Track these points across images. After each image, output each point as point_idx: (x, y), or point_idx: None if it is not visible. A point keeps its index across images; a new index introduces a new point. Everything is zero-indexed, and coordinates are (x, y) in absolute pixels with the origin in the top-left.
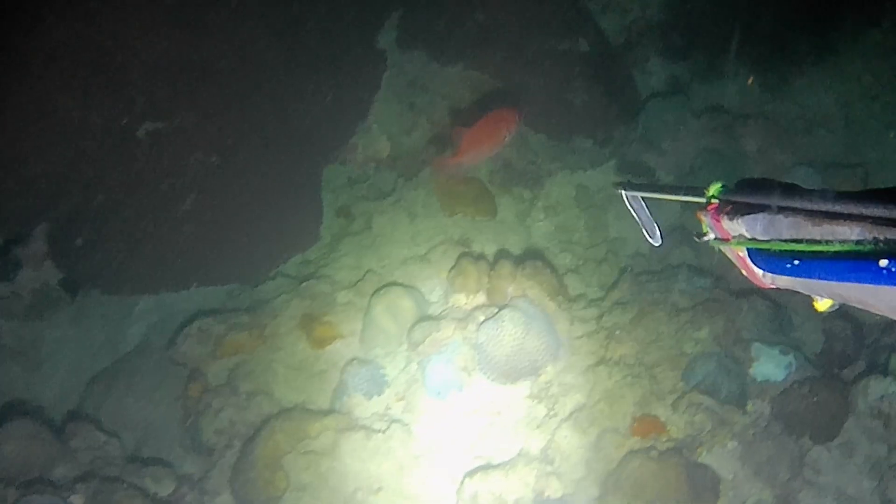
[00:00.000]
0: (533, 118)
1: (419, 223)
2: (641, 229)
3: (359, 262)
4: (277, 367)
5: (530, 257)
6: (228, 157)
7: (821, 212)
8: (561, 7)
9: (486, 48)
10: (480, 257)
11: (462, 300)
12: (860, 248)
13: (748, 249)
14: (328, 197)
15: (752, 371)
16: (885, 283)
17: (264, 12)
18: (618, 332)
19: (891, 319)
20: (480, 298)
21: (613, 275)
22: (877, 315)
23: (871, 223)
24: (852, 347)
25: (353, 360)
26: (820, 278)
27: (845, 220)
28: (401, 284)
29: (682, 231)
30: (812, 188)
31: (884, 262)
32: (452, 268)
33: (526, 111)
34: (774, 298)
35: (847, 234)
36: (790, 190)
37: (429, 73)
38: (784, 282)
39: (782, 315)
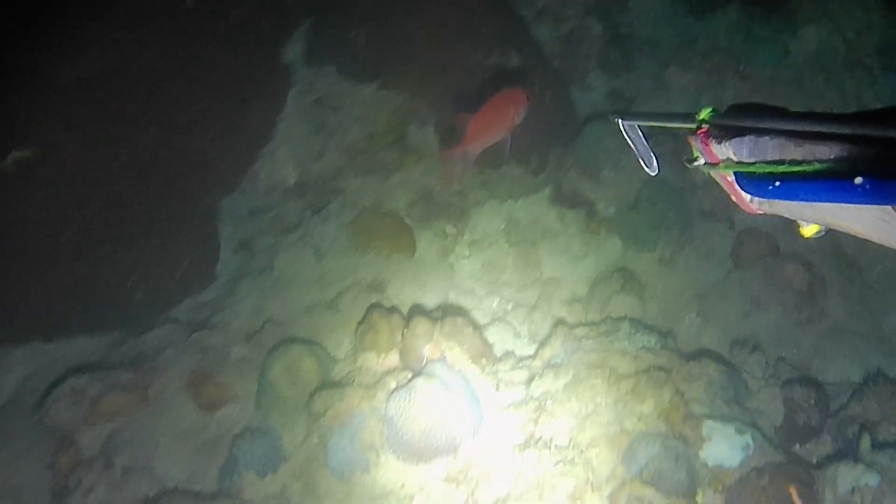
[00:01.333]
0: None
1: (327, 262)
2: (638, 159)
3: (258, 307)
4: (160, 437)
5: (452, 307)
6: (112, 185)
7: (803, 132)
8: (489, 16)
9: (404, 64)
10: (394, 310)
11: (372, 360)
12: (836, 166)
13: (735, 173)
14: (227, 229)
15: (702, 454)
16: (861, 202)
17: (153, 21)
18: (549, 403)
19: (854, 387)
20: (393, 359)
21: (546, 325)
22: (839, 379)
23: (849, 142)
24: (816, 418)
25: (246, 429)
26: (801, 199)
27: (825, 140)
28: (303, 341)
29: (624, 272)
30: (798, 111)
31: (858, 180)
32: (362, 321)
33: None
34: (728, 361)
35: (826, 154)
36: (775, 112)
37: (340, 92)
38: (769, 207)
39: (737, 382)
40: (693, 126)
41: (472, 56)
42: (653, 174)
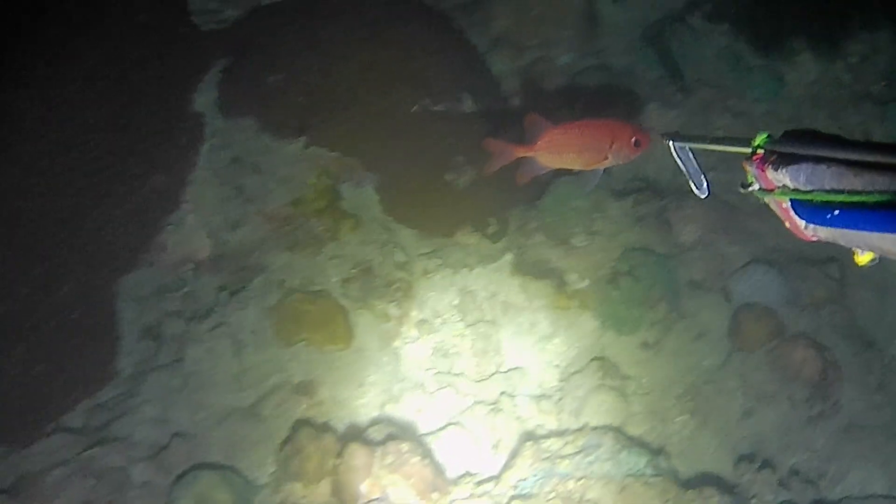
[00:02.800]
0: (400, 208)
1: (247, 356)
2: (688, 181)
3: (165, 413)
4: None
5: (396, 422)
6: None
7: (862, 162)
8: (435, 52)
9: (335, 114)
10: (326, 428)
11: (298, 492)
12: None
13: (791, 200)
14: (129, 312)
15: None
16: None
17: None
18: None
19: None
20: (323, 491)
21: (510, 432)
22: (859, 490)
23: None
24: None
25: None
26: (860, 229)
27: (886, 170)
28: (216, 466)
29: (602, 362)
30: (855, 140)
31: None
32: (288, 440)
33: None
34: (732, 485)
35: (887, 185)
36: (833, 140)
37: (260, 148)
38: (825, 233)
39: None
40: (748, 151)
41: (416, 101)
42: (702, 197)
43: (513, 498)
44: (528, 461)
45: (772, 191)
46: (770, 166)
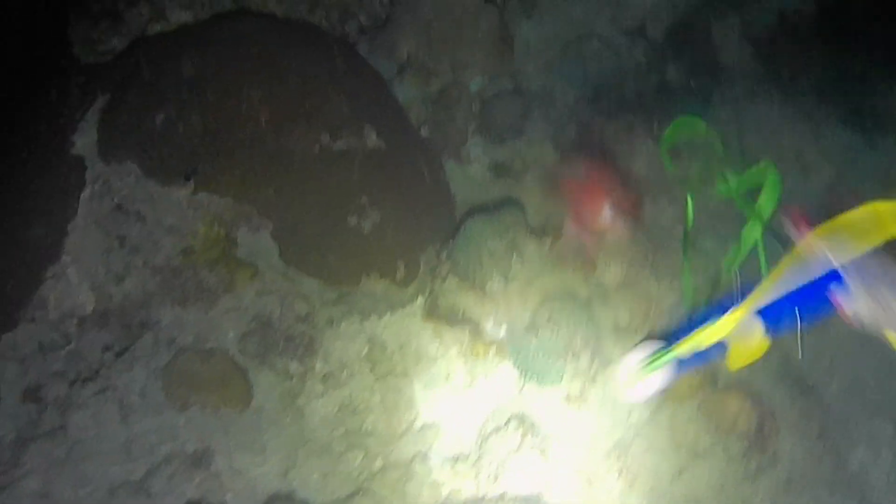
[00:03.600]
0: (301, 255)
1: (136, 423)
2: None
3: (47, 487)
4: None
5: (298, 499)
6: None
7: None
8: (335, 81)
9: (226, 156)
10: None
11: None
12: None
13: None
14: (10, 372)
15: None
16: None
17: None
18: None
19: None
20: None
21: None
22: None
23: None
24: None
25: None
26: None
27: None
28: None
29: (521, 419)
30: None
31: None
32: None
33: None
34: None
35: None
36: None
37: (145, 195)
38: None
39: None
40: None
41: (313, 137)
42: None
43: None
44: None
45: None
46: None
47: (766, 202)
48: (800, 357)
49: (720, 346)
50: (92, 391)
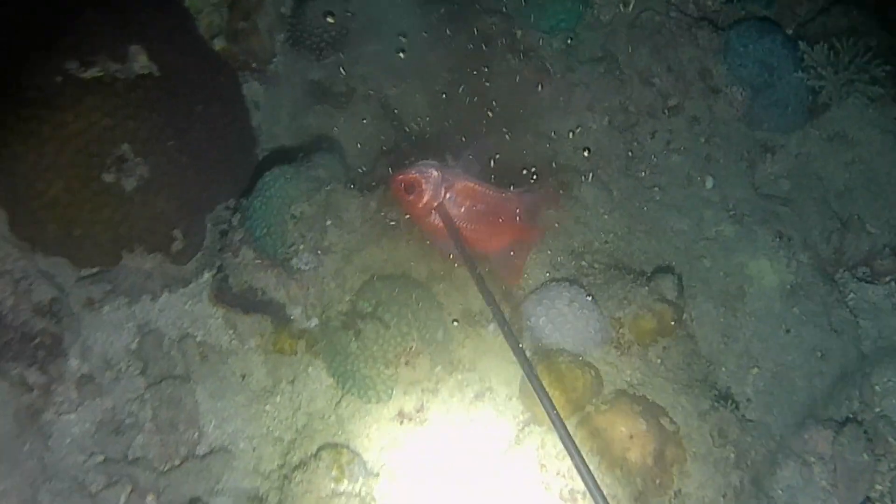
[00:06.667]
0: (41, 226)
1: None
2: None
3: None
4: None
5: None
6: None
7: None
8: None
9: None
10: None
11: None
12: None
13: None
14: None
15: None
16: None
17: None
18: None
19: None
20: None
21: None
22: None
23: None
24: None
25: None
26: None
27: None
28: None
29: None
30: None
31: None
32: None
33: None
34: None
35: None
36: None
37: None
38: None
39: None
40: None
41: (55, 66)
42: None
43: None
44: None
45: None
46: None
47: None
48: None
49: None
50: None
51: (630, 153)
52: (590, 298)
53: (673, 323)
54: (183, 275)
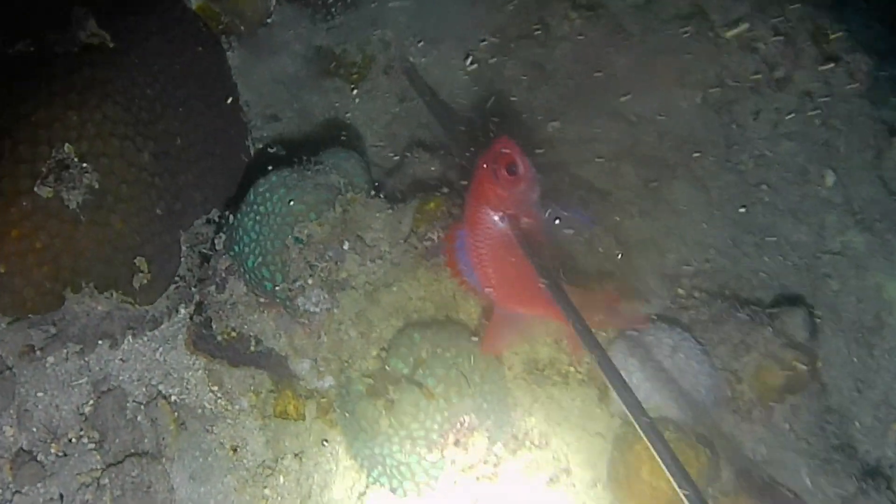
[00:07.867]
0: None
1: None
2: None
3: None
4: None
5: None
6: None
7: None
8: None
9: None
10: None
11: None
12: None
13: None
14: None
15: None
16: None
17: None
18: None
19: None
20: None
21: None
22: None
23: None
24: None
25: None
26: None
27: None
28: None
29: None
30: None
31: None
32: None
33: None
34: None
35: None
36: None
37: None
38: None
39: None
40: None
41: None
42: None
43: None
44: None
45: None
46: None
47: None
48: None
49: None
50: None
51: (728, 139)
52: (697, 345)
53: (807, 373)
54: (151, 314)
